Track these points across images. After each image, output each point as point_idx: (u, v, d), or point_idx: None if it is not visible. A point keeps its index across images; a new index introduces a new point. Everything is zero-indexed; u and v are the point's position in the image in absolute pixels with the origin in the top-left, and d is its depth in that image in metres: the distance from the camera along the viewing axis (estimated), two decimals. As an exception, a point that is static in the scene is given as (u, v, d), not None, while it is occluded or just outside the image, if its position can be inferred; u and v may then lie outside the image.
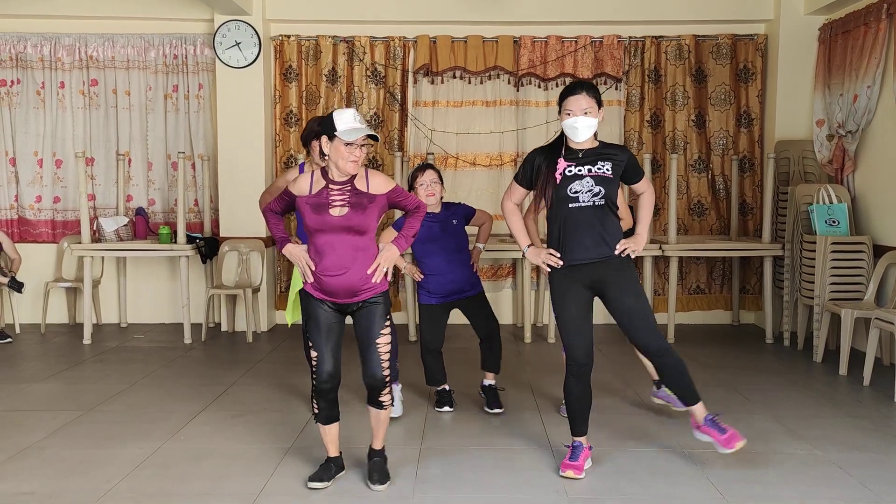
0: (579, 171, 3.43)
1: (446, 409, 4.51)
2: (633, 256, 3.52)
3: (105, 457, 3.79)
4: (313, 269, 3.31)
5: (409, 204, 3.48)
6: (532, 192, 3.69)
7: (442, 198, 4.46)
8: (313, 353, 3.35)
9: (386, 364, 3.37)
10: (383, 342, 3.35)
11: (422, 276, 4.45)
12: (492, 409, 4.48)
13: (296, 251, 3.36)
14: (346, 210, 3.26)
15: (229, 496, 3.35)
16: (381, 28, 6.96)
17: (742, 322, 7.13)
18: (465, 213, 4.52)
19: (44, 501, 3.30)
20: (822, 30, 6.41)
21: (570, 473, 3.52)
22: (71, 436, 4.10)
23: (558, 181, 3.45)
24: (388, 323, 3.38)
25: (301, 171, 4.25)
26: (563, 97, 3.47)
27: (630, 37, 6.95)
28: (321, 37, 6.95)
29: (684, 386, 3.59)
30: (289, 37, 6.95)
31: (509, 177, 7.02)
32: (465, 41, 6.93)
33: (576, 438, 3.61)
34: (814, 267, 5.68)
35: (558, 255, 3.49)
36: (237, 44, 6.69)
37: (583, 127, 3.40)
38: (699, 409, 3.60)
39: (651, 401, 4.60)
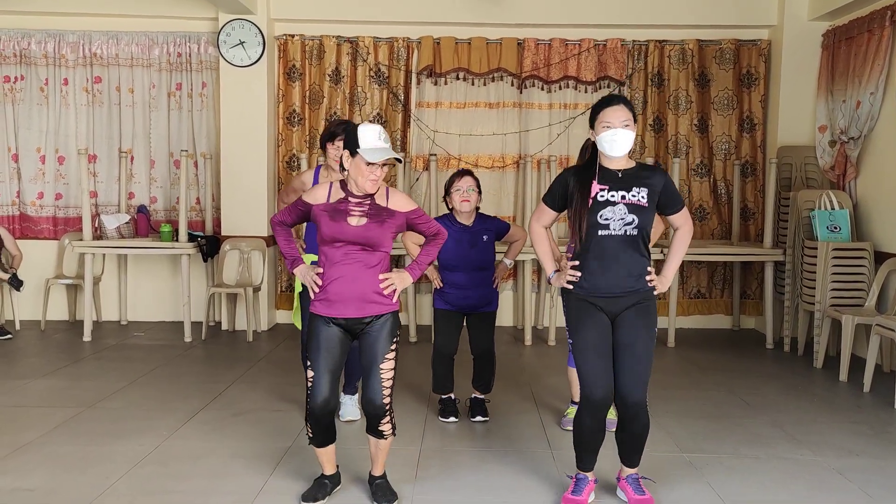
0: (612, 196, 3.14)
1: (452, 419, 4.38)
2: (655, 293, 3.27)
3: (105, 454, 3.79)
4: (320, 284, 3.17)
5: (428, 229, 3.29)
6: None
7: (478, 207, 4.34)
8: (309, 374, 3.16)
9: (388, 391, 3.17)
10: (387, 367, 3.16)
11: (441, 285, 4.33)
12: (474, 418, 4.38)
13: (305, 272, 3.24)
14: (364, 220, 3.12)
15: (228, 494, 3.35)
16: (385, 28, 6.96)
17: (742, 327, 7.13)
18: (497, 229, 4.37)
19: (43, 497, 3.30)
20: (825, 36, 6.42)
21: None
22: (70, 432, 4.10)
23: (590, 205, 3.16)
24: (394, 347, 3.19)
25: (317, 173, 4.21)
26: (598, 109, 3.20)
27: (633, 40, 6.96)
28: (325, 36, 6.96)
29: (639, 448, 3.33)
30: (293, 36, 6.96)
31: (512, 179, 7.06)
32: (469, 43, 6.94)
33: (581, 472, 3.37)
34: (815, 273, 5.68)
35: (577, 273, 3.21)
36: (241, 43, 6.70)
37: (622, 140, 3.12)
38: (630, 470, 3.38)
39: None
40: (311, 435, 3.22)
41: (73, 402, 4.62)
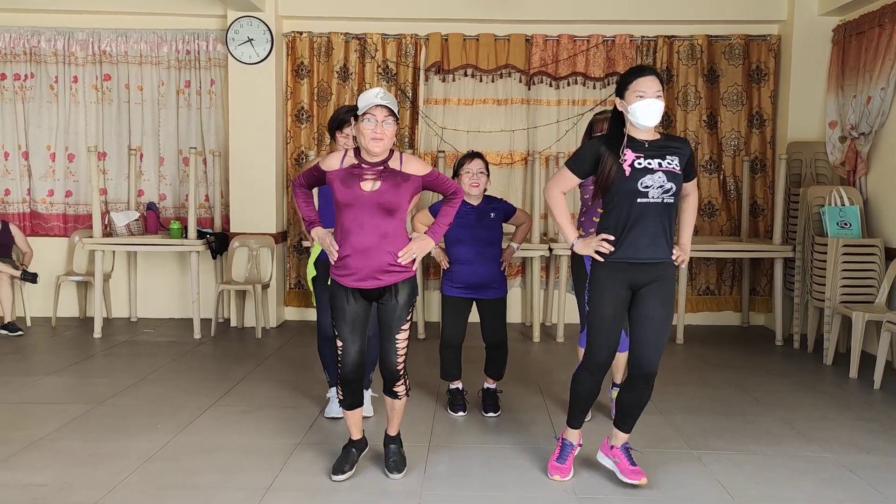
0: (649, 164, 3.15)
1: (460, 413, 4.41)
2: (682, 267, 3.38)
3: (116, 449, 3.81)
4: (337, 249, 3.25)
5: (446, 188, 3.36)
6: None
7: (485, 190, 4.35)
8: (339, 343, 3.34)
9: (402, 358, 3.38)
10: (402, 337, 3.35)
11: (448, 265, 4.34)
12: (486, 412, 4.40)
13: (322, 234, 3.33)
14: (378, 184, 3.16)
15: (240, 490, 3.37)
16: (392, 25, 6.96)
17: (752, 324, 7.11)
18: (505, 210, 4.39)
19: (55, 492, 3.32)
20: (835, 31, 6.38)
21: (557, 477, 3.50)
22: (82, 428, 4.13)
23: (627, 173, 3.14)
24: (409, 316, 3.35)
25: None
26: (630, 79, 3.16)
27: (642, 36, 6.94)
28: (333, 33, 6.96)
29: (638, 414, 3.42)
30: (301, 33, 6.97)
31: (520, 175, 7.05)
32: (477, 39, 6.93)
33: (569, 432, 3.53)
34: (825, 269, 5.66)
35: (610, 246, 3.22)
36: (250, 40, 6.71)
37: (656, 109, 3.12)
38: (624, 437, 3.46)
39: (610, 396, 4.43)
40: (341, 398, 3.45)
41: (83, 399, 4.64)
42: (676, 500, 3.33)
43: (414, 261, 3.29)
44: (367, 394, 4.38)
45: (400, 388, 3.44)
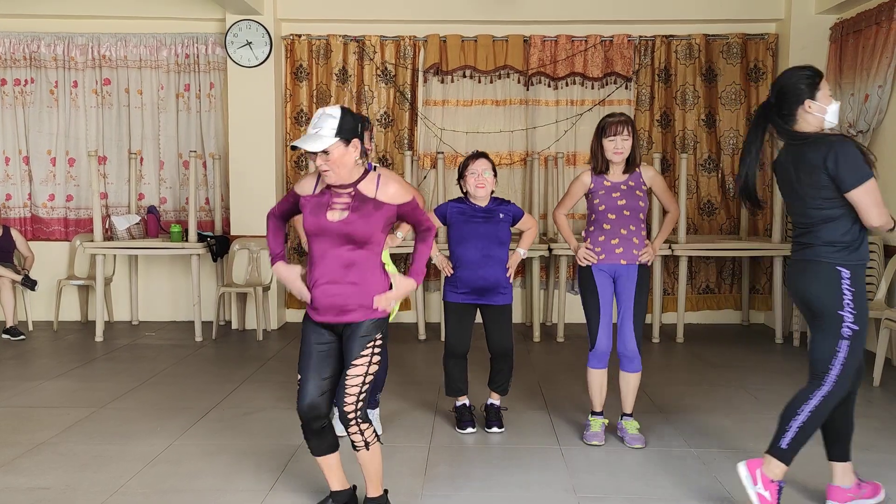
0: None
1: (469, 430, 4.13)
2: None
3: (117, 453, 3.83)
4: (307, 290, 2.95)
5: (419, 222, 3.03)
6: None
7: (493, 192, 4.11)
8: (299, 377, 2.96)
9: (352, 399, 2.89)
10: (353, 373, 2.89)
11: (451, 272, 4.08)
12: (490, 428, 4.15)
13: (285, 273, 3.01)
14: (345, 214, 2.85)
15: (241, 492, 3.39)
16: (391, 27, 6.98)
17: (752, 322, 7.12)
18: (513, 213, 4.12)
19: (58, 496, 3.34)
20: (833, 29, 6.39)
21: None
22: (84, 432, 4.15)
23: None
24: (365, 353, 2.91)
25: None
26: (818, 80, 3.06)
27: (640, 36, 6.95)
28: (332, 36, 6.98)
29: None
30: (300, 36, 6.99)
31: (519, 176, 7.07)
32: (476, 40, 6.95)
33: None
34: (824, 267, 5.66)
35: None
36: (248, 43, 6.73)
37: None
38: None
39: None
40: (306, 440, 3.03)
41: (85, 403, 4.66)
42: (676, 499, 3.34)
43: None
44: (371, 413, 4.11)
45: (355, 437, 2.91)
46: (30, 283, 6.51)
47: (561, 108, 7.01)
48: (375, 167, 3.30)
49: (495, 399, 4.24)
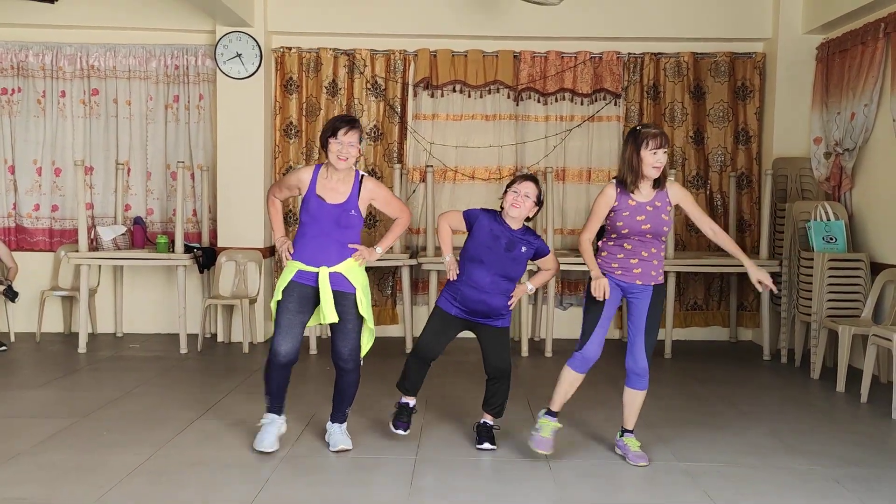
0: None
1: (401, 431, 4.06)
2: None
3: (98, 463, 3.76)
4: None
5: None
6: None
7: (528, 219, 4.00)
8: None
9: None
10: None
11: (456, 276, 3.96)
12: (481, 444, 4.04)
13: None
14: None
15: (223, 503, 3.33)
16: (381, 41, 7.00)
17: (740, 339, 7.12)
18: (537, 248, 4.01)
19: (36, 507, 3.27)
20: (819, 48, 6.46)
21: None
22: (64, 442, 4.07)
23: None
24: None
25: (316, 171, 3.99)
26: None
27: (629, 53, 7.00)
28: (322, 49, 6.99)
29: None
30: (290, 49, 6.99)
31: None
32: (466, 55, 6.97)
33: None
34: (811, 284, 5.69)
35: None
36: (238, 55, 6.72)
37: None
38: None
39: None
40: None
41: (67, 413, 4.59)
42: (664, 512, 3.32)
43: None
44: (339, 427, 4.09)
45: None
46: (11, 295, 6.42)
47: (550, 124, 7.03)
48: (363, 176, 3.95)
49: (489, 419, 4.12)
